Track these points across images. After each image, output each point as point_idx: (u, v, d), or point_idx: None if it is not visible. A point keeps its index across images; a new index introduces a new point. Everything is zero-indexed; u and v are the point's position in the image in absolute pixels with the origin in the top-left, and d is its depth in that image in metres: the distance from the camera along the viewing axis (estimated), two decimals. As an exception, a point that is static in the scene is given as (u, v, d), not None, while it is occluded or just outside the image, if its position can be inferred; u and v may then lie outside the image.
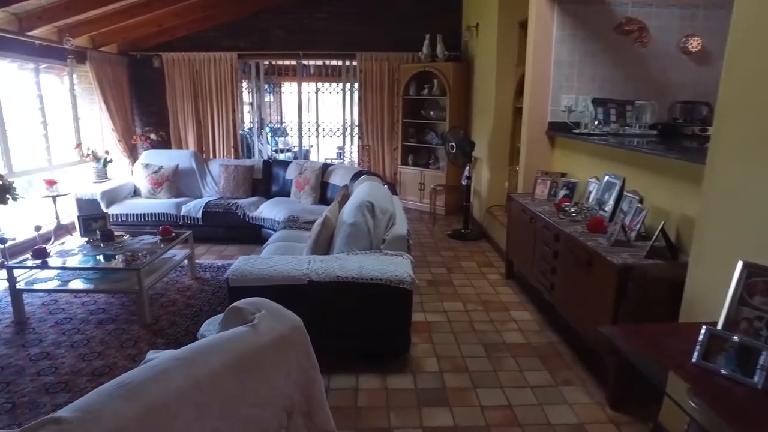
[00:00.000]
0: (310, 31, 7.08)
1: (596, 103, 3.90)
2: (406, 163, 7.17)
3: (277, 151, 10.05)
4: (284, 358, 1.27)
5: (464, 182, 5.85)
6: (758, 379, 1.33)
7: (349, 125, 7.74)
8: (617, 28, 3.90)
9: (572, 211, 3.29)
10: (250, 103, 8.24)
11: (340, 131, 7.78)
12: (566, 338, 3.28)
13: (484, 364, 3.01)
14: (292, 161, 6.07)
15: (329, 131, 7.84)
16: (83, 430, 0.85)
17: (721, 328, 1.46)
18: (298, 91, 7.53)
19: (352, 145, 7.90)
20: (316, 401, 1.38)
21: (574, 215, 3.24)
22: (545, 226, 3.38)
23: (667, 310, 2.25)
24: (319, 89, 8.21)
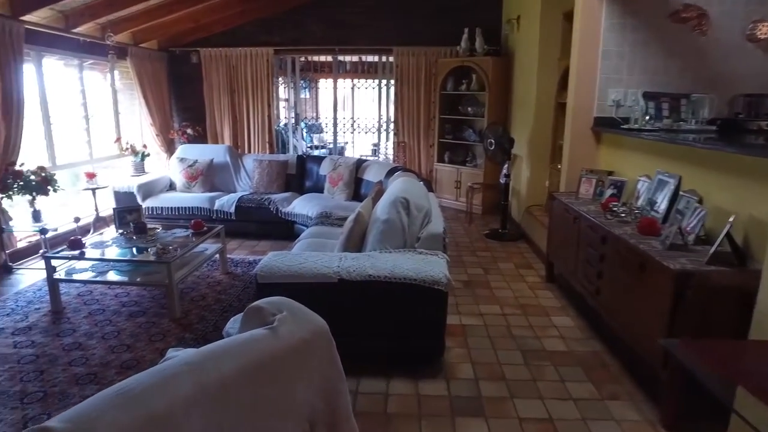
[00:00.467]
0: (346, 26, 6.99)
1: (647, 96, 3.64)
2: (442, 160, 6.99)
3: (312, 147, 10.04)
4: (305, 365, 1.15)
5: (502, 180, 5.64)
6: None
7: (384, 122, 7.61)
8: (673, 15, 3.62)
9: (621, 211, 3.06)
10: (285, 99, 8.24)
11: (375, 128, 7.67)
12: (612, 347, 3.05)
13: (522, 372, 2.83)
14: (326, 157, 6.00)
15: (365, 128, 7.74)
16: (75, 442, 0.75)
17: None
18: (333, 87, 7.47)
19: (387, 141, 7.78)
20: (340, 412, 1.26)
21: (623, 216, 3.02)
22: (591, 227, 3.17)
23: (731, 323, 2.02)
24: (355, 85, 8.13)
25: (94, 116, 5.99)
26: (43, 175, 4.41)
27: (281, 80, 7.71)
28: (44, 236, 4.42)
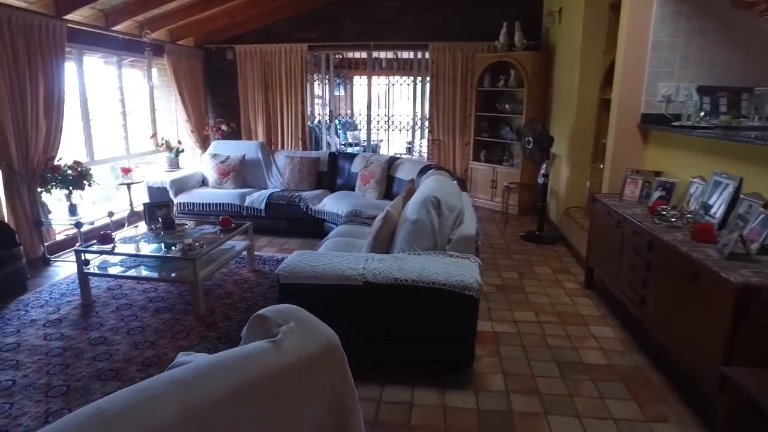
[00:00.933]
0: (381, 21, 6.87)
1: (702, 91, 3.36)
2: (478, 158, 6.78)
3: (346, 144, 9.99)
4: (312, 382, 1.03)
5: (540, 180, 5.40)
6: None
7: (419, 119, 7.45)
8: (737, 0, 3.32)
9: (670, 215, 2.82)
10: (320, 96, 8.19)
11: (409, 125, 7.52)
12: (658, 363, 2.82)
13: (557, 386, 2.64)
14: (358, 154, 5.90)
15: (399, 125, 7.60)
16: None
17: None
18: (368, 84, 7.36)
19: (422, 139, 7.61)
20: (353, 434, 1.14)
21: (673, 221, 2.77)
22: (636, 231, 2.93)
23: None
24: (390, 82, 8.00)
25: (131, 112, 6.08)
26: (79, 169, 4.47)
27: (316, 77, 7.65)
28: (79, 230, 4.48)
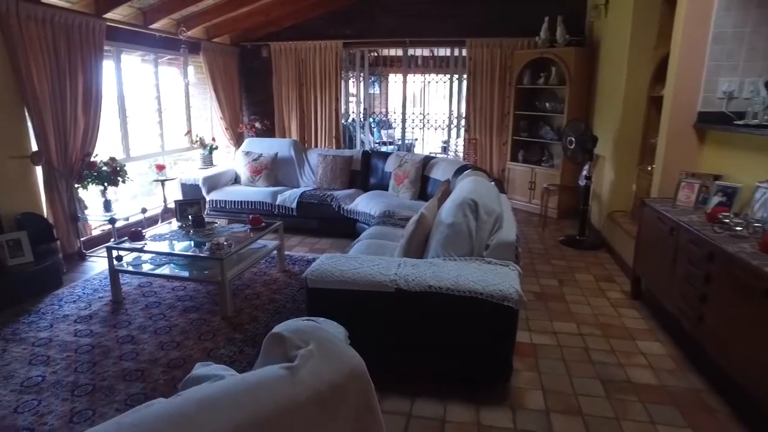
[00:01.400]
0: (417, 17, 6.71)
1: (771, 87, 3.06)
2: (515, 159, 6.54)
3: (380, 143, 9.87)
4: (332, 417, 0.90)
5: (582, 183, 5.13)
6: None
7: (455, 118, 7.26)
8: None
9: (734, 223, 2.56)
10: (354, 94, 8.10)
11: (445, 124, 7.33)
12: (718, 387, 2.56)
13: (602, 406, 2.43)
14: (392, 153, 5.76)
15: (434, 124, 7.42)
16: None
17: None
18: (403, 81, 7.21)
19: (458, 138, 7.41)
20: (379, 471, 1.00)
21: (737, 230, 2.52)
22: (693, 240, 2.69)
23: None
24: (425, 80, 7.83)
25: (166, 110, 6.13)
26: (113, 166, 4.50)
27: (350, 74, 7.56)
28: (113, 225, 4.52)
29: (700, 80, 3.35)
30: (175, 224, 4.00)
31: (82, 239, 4.64)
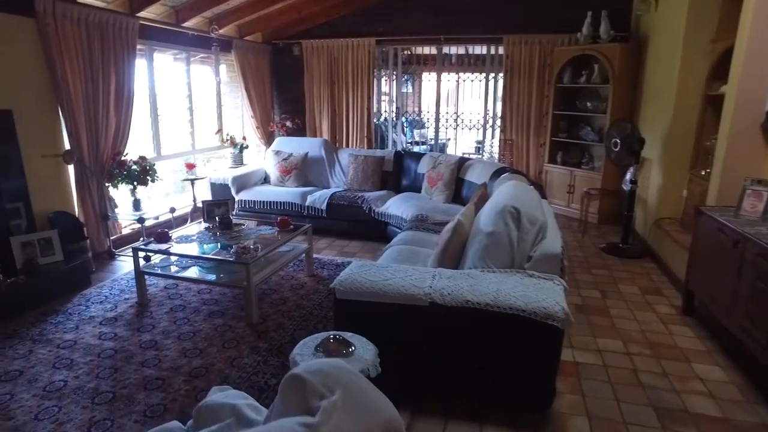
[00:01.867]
0: (452, 13, 6.48)
1: None
2: (553, 161, 6.25)
3: (412, 143, 9.68)
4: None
5: (626, 187, 4.83)
6: None
7: (490, 117, 7.00)
8: None
9: (812, 238, 2.28)
10: (386, 93, 7.93)
11: (480, 124, 7.07)
12: (791, 421, 2.29)
13: (658, 439, 2.20)
14: (425, 153, 5.56)
15: (469, 123, 7.17)
16: None
17: None
18: (437, 80, 7.00)
19: (492, 139, 7.15)
20: None
21: (817, 245, 2.23)
22: (763, 254, 2.41)
23: None
24: (460, 78, 7.59)
25: (198, 108, 6.10)
26: (143, 165, 4.47)
27: (383, 73, 7.40)
28: (142, 225, 4.49)
29: (768, 76, 3.05)
30: (203, 224, 3.92)
31: (111, 238, 4.63)
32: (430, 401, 2.40)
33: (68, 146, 4.20)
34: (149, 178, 4.44)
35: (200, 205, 5.52)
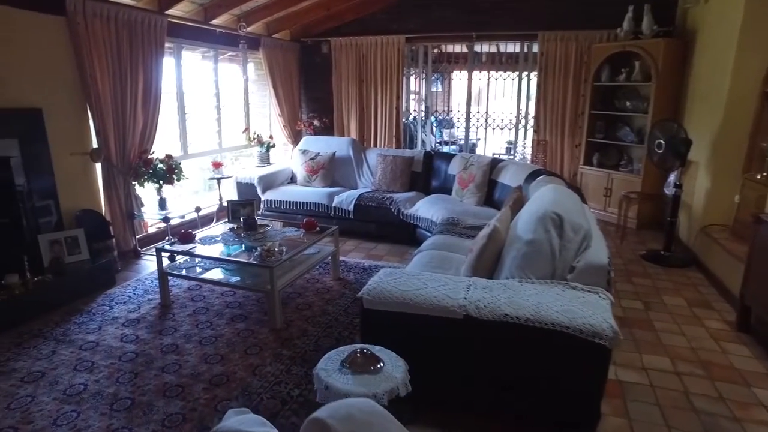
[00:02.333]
0: (484, 9, 6.27)
1: None
2: (589, 162, 5.97)
3: (441, 143, 9.49)
4: None
5: (668, 191, 4.55)
6: None
7: (523, 117, 6.76)
8: None
9: None
10: (416, 91, 7.76)
11: (512, 124, 6.84)
12: None
13: (717, 473, 1.98)
14: (456, 154, 5.38)
15: (500, 123, 6.94)
16: None
17: None
18: (468, 79, 6.80)
19: (525, 139, 6.90)
20: None
21: None
22: (838, 271, 2.16)
23: None
24: (489, 76, 7.36)
25: (225, 107, 6.06)
26: (169, 164, 4.42)
27: (412, 71, 7.23)
28: (168, 224, 4.44)
29: (838, 73, 2.77)
30: (228, 225, 3.84)
31: (137, 237, 4.60)
32: (463, 419, 2.24)
33: (96, 144, 4.18)
34: (175, 176, 4.39)
35: (226, 204, 5.48)
